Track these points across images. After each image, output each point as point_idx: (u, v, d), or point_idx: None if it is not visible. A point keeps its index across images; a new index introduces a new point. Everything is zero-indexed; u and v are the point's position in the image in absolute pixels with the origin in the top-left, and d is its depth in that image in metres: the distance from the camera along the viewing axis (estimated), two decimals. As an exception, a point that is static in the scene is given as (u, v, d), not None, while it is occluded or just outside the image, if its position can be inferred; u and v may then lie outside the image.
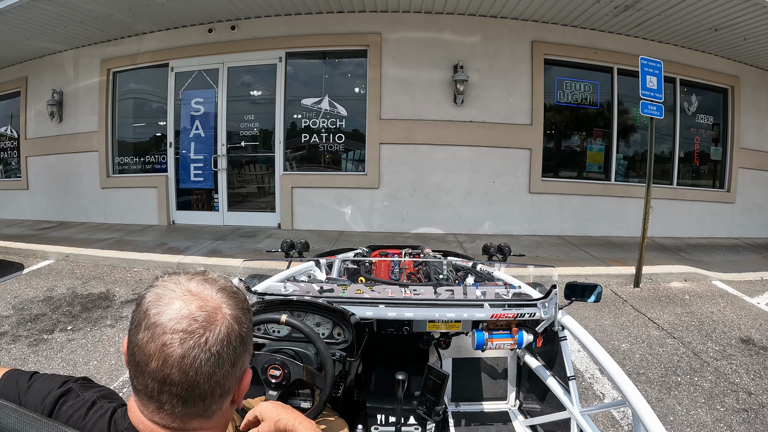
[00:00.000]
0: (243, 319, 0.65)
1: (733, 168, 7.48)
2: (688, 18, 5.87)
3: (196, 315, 0.60)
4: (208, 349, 0.60)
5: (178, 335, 0.59)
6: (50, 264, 5.43)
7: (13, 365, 2.99)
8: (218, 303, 0.63)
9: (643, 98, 4.69)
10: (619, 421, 2.57)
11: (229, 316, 0.63)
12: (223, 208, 7.29)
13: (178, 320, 0.60)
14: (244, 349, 0.65)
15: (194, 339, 0.59)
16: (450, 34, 6.61)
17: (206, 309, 0.61)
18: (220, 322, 0.62)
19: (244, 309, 0.67)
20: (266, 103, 7.07)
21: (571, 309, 1.75)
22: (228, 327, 0.62)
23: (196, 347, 0.59)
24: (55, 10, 5.89)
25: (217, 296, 0.64)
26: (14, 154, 8.41)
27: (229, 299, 0.65)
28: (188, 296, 0.62)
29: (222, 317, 0.62)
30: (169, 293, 0.62)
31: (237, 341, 0.63)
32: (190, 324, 0.60)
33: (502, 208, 6.93)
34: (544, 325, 1.63)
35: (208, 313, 0.61)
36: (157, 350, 0.59)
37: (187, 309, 0.60)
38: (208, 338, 0.60)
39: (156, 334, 0.59)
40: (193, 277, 0.66)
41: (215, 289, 0.65)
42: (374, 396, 1.78)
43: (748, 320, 4.10)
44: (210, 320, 0.61)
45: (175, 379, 0.59)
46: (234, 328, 0.63)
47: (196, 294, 0.63)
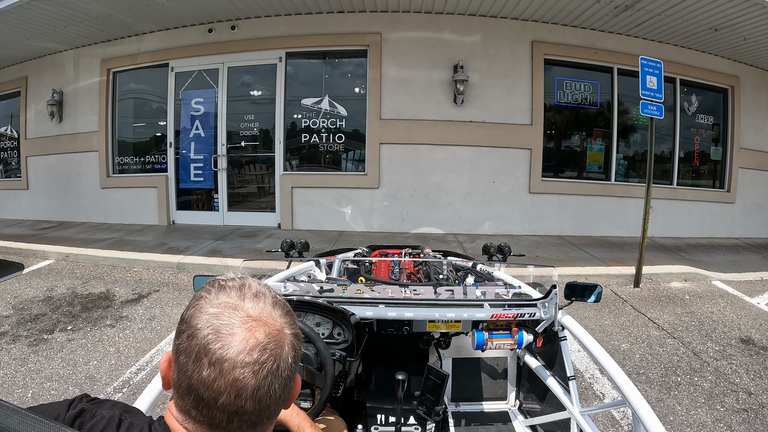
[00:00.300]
0: (299, 333, 0.64)
1: (733, 168, 7.48)
2: (688, 18, 5.87)
3: (265, 343, 0.58)
4: (280, 374, 0.59)
5: (250, 368, 0.56)
6: (50, 264, 5.43)
7: (13, 365, 3.00)
8: (280, 324, 0.61)
9: (643, 98, 4.69)
10: (619, 421, 2.57)
11: (291, 335, 0.62)
12: (223, 208, 7.29)
13: (248, 352, 0.57)
14: (299, 357, 0.65)
15: (267, 368, 0.57)
16: (450, 34, 6.61)
17: (272, 335, 0.59)
18: (287, 345, 0.61)
19: (294, 319, 0.65)
20: (266, 103, 7.07)
21: (571, 309, 1.75)
22: (293, 348, 0.61)
23: (270, 375, 0.58)
24: (55, 10, 5.89)
25: (276, 314, 0.62)
26: (14, 154, 8.41)
27: (284, 315, 0.63)
28: (251, 323, 0.59)
29: (287, 340, 0.61)
30: (228, 321, 0.58)
31: (298, 359, 0.63)
32: (261, 354, 0.57)
33: (502, 208, 6.93)
34: (544, 325, 1.63)
35: (275, 339, 0.59)
36: (229, 385, 0.56)
37: (254, 339, 0.58)
38: (280, 365, 0.59)
39: (225, 369, 0.56)
40: (242, 293, 0.62)
41: (269, 304, 0.62)
42: (374, 396, 1.78)
43: (748, 320, 4.10)
44: (278, 345, 0.59)
45: (249, 409, 0.57)
46: (296, 347, 0.62)
47: (257, 318, 0.60)
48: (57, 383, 2.82)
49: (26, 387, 2.77)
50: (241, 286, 0.64)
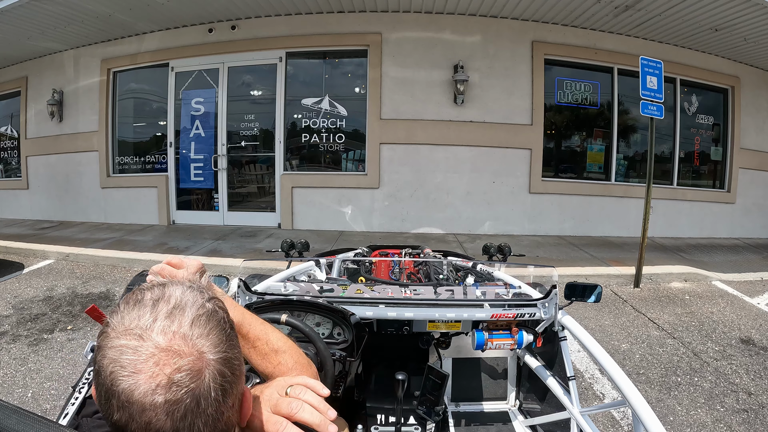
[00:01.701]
0: (228, 359, 0.54)
1: (733, 168, 7.48)
2: (689, 18, 5.87)
3: (177, 380, 0.49)
4: (202, 412, 0.50)
5: (162, 409, 0.48)
6: (50, 264, 5.43)
7: (13, 365, 3.00)
8: (198, 350, 0.51)
9: (644, 98, 4.69)
10: (619, 421, 2.57)
11: (214, 361, 0.52)
12: (223, 207, 7.29)
13: (157, 392, 0.48)
14: (236, 383, 0.55)
15: (184, 407, 0.49)
16: (450, 34, 6.61)
17: (186, 367, 0.50)
18: (208, 375, 0.51)
19: (225, 335, 0.55)
20: (266, 102, 7.07)
21: (571, 309, 1.75)
22: (216, 377, 0.52)
23: (188, 414, 0.49)
24: (55, 9, 5.89)
25: (194, 335, 0.52)
26: (14, 154, 8.41)
27: (206, 335, 0.53)
28: (158, 356, 0.50)
29: (208, 369, 0.51)
30: (132, 357, 0.49)
31: (228, 381, 0.53)
32: (174, 393, 0.49)
33: (502, 208, 6.93)
34: (544, 325, 1.63)
35: (191, 371, 0.50)
36: (142, 428, 0.49)
37: (163, 375, 0.49)
38: (200, 401, 0.50)
39: (134, 413, 0.48)
40: (156, 311, 0.53)
41: (187, 324, 0.53)
42: (374, 396, 1.78)
43: (748, 320, 4.10)
44: (195, 378, 0.50)
45: (167, 428, 0.49)
46: (224, 373, 0.53)
47: (166, 349, 0.50)
48: (57, 383, 2.82)
49: (26, 387, 2.77)
50: (157, 299, 0.55)
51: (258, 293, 1.60)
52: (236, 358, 0.56)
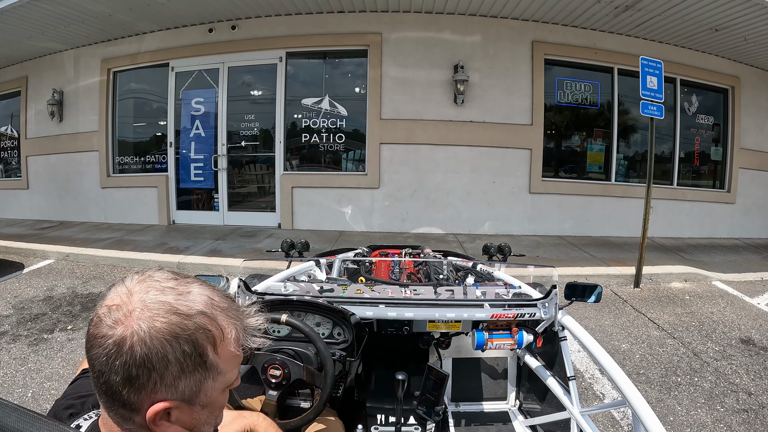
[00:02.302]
0: (155, 341, 0.59)
1: (733, 168, 7.48)
2: (689, 18, 5.87)
3: (107, 310, 0.62)
4: (99, 345, 0.60)
5: (94, 320, 0.63)
6: (50, 263, 5.43)
7: (13, 365, 3.00)
8: (136, 313, 0.61)
9: (644, 98, 4.69)
10: (619, 421, 2.57)
11: (136, 332, 0.59)
12: (223, 207, 7.29)
13: (99, 306, 0.64)
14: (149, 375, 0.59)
15: (97, 330, 0.61)
16: (450, 34, 6.61)
17: (122, 309, 0.61)
18: (120, 332, 0.59)
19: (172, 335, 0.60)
20: (266, 102, 7.07)
21: (571, 309, 1.75)
22: (123, 338, 0.59)
23: (96, 337, 0.61)
24: (55, 9, 5.89)
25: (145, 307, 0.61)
26: (14, 154, 8.42)
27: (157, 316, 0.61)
28: (119, 292, 0.64)
29: (125, 330, 0.59)
30: (116, 285, 0.66)
31: (135, 359, 0.59)
32: (103, 315, 0.62)
33: (503, 208, 6.93)
34: (544, 325, 1.63)
35: (116, 317, 0.60)
36: (90, 361, 0.62)
37: (111, 302, 0.63)
38: (106, 337, 0.60)
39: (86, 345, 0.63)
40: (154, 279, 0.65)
41: (155, 294, 0.63)
42: (374, 396, 1.78)
43: (748, 321, 4.10)
44: (115, 323, 0.60)
45: (87, 354, 0.62)
46: (133, 344, 0.59)
47: (125, 295, 0.63)
48: (57, 383, 2.82)
49: (26, 386, 2.77)
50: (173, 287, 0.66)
51: (258, 293, 1.60)
52: (164, 367, 0.59)
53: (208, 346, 0.62)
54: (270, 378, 1.31)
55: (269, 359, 1.32)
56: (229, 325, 0.66)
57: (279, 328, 1.52)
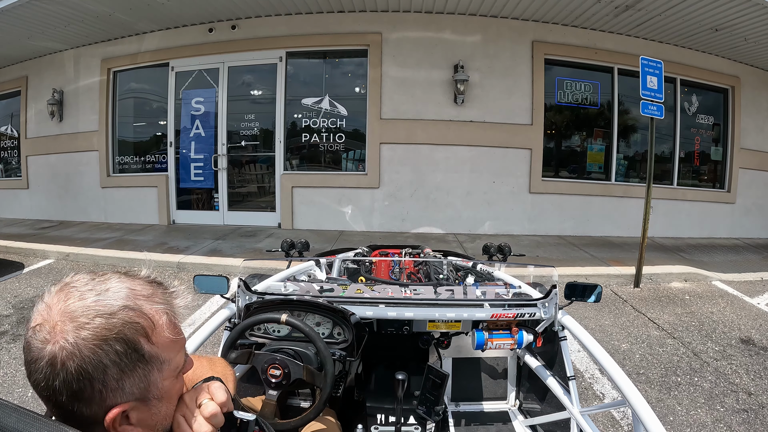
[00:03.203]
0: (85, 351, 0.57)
1: (733, 168, 7.48)
2: (689, 18, 5.87)
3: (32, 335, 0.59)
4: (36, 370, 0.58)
5: (24, 343, 0.61)
6: (50, 263, 5.43)
7: (13, 364, 3.00)
8: (59, 327, 0.58)
9: (644, 98, 4.69)
10: (619, 421, 2.57)
11: (63, 348, 0.57)
12: (223, 207, 7.29)
13: (27, 329, 0.60)
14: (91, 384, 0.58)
15: (29, 354, 0.59)
16: (450, 33, 6.61)
17: (43, 331, 0.59)
18: (49, 352, 0.57)
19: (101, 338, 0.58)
20: (266, 102, 7.07)
21: (571, 309, 1.74)
22: (53, 357, 0.57)
23: (31, 362, 0.59)
24: (55, 9, 5.89)
25: (68, 320, 0.59)
26: (14, 154, 8.42)
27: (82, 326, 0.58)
28: (36, 314, 0.62)
29: (53, 348, 0.57)
30: (36, 304, 0.64)
31: (70, 375, 0.57)
32: (30, 337, 0.59)
33: (503, 208, 6.93)
34: (544, 325, 1.63)
35: (42, 337, 0.58)
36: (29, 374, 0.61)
37: (32, 323, 0.61)
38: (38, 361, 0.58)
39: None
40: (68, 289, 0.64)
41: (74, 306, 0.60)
42: (374, 396, 1.78)
43: (748, 320, 4.10)
44: (43, 344, 0.58)
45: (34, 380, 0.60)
46: (63, 360, 0.57)
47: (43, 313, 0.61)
48: (57, 382, 2.82)
49: (26, 386, 2.77)
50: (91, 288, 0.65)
51: (258, 293, 1.60)
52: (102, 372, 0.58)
53: (141, 339, 0.60)
54: (270, 378, 1.31)
55: (269, 359, 1.32)
56: (156, 312, 0.63)
57: (279, 328, 1.52)
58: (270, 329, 1.53)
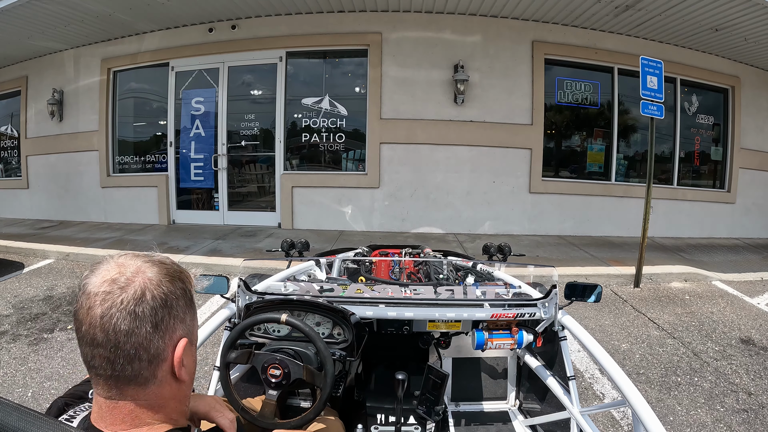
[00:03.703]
0: (164, 282, 0.67)
1: (733, 168, 7.48)
2: (689, 18, 5.87)
3: (115, 278, 0.64)
4: (124, 308, 0.63)
5: (99, 297, 0.63)
6: (50, 263, 5.43)
7: (13, 364, 3.00)
8: (138, 268, 0.67)
9: (644, 98, 4.69)
10: (619, 421, 2.57)
11: (148, 279, 0.66)
12: (223, 207, 7.29)
13: (100, 284, 0.64)
14: (169, 313, 0.67)
15: (111, 299, 0.63)
16: (450, 33, 6.61)
17: (125, 273, 0.65)
18: (138, 283, 0.65)
19: (171, 276, 0.69)
20: (267, 102, 7.07)
21: (571, 309, 1.74)
22: (144, 287, 0.65)
23: (113, 307, 0.62)
24: (55, 9, 5.89)
25: (143, 264, 0.68)
26: (14, 153, 8.42)
27: (153, 266, 0.68)
28: (113, 265, 0.67)
29: (141, 280, 0.65)
30: (99, 266, 0.67)
31: (157, 302, 0.65)
32: (110, 286, 0.63)
33: (503, 208, 6.93)
34: (544, 325, 1.63)
35: (126, 277, 0.65)
36: (85, 314, 0.63)
37: (108, 274, 0.65)
38: (124, 298, 0.63)
39: (83, 300, 0.64)
40: (128, 253, 0.71)
41: (142, 260, 0.69)
42: (374, 395, 1.78)
43: (748, 320, 4.10)
44: (127, 283, 0.64)
45: (99, 339, 0.62)
46: (151, 289, 0.65)
47: (121, 263, 0.67)
48: (57, 382, 2.82)
49: (26, 386, 2.77)
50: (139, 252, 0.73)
51: (258, 293, 1.60)
52: (170, 296, 0.68)
53: (190, 285, 0.73)
54: (270, 378, 1.30)
55: (269, 359, 1.32)
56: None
57: (279, 328, 1.52)
58: (270, 329, 1.52)
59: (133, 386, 0.65)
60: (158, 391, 0.67)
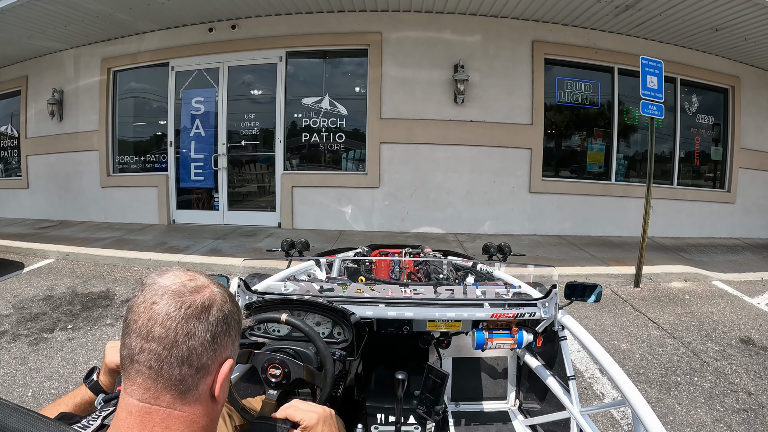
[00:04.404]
0: (228, 301, 0.70)
1: (733, 168, 7.48)
2: (689, 18, 5.87)
3: (186, 283, 0.67)
4: (191, 310, 0.64)
5: (167, 295, 0.64)
6: (50, 263, 5.43)
7: (13, 364, 3.00)
8: (207, 282, 0.70)
9: (644, 98, 4.69)
10: (619, 421, 2.57)
11: (216, 293, 0.69)
12: (223, 207, 7.29)
13: (170, 285, 0.66)
14: (226, 331, 0.68)
15: (180, 299, 0.64)
16: (450, 33, 6.61)
17: (196, 282, 0.68)
18: (207, 293, 0.67)
19: (231, 298, 0.72)
20: (267, 102, 7.07)
21: (571, 309, 1.75)
22: (212, 299, 0.67)
23: (181, 307, 0.64)
24: (55, 9, 5.89)
25: (209, 280, 0.71)
26: (14, 153, 8.42)
27: (219, 286, 0.71)
28: (183, 273, 0.69)
29: (209, 291, 0.68)
30: (169, 270, 0.70)
31: (219, 315, 0.67)
32: (180, 288, 0.66)
33: (503, 207, 6.93)
34: (544, 324, 1.63)
35: (197, 285, 0.68)
36: (147, 308, 0.64)
37: (179, 279, 0.67)
38: (192, 302, 0.65)
39: (148, 295, 0.65)
40: (195, 270, 0.73)
41: (208, 277, 0.72)
42: (374, 395, 1.78)
43: (748, 320, 4.10)
44: (197, 289, 0.67)
45: (157, 334, 0.62)
46: (218, 303, 0.68)
47: (191, 273, 0.70)
48: (57, 382, 2.82)
49: (26, 386, 2.78)
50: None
51: (258, 292, 1.60)
52: (230, 317, 0.69)
53: (242, 316, 0.74)
54: (270, 377, 1.30)
55: (269, 358, 1.32)
56: None
57: (279, 328, 1.52)
58: (270, 329, 1.52)
59: (173, 392, 0.63)
60: (195, 404, 0.65)
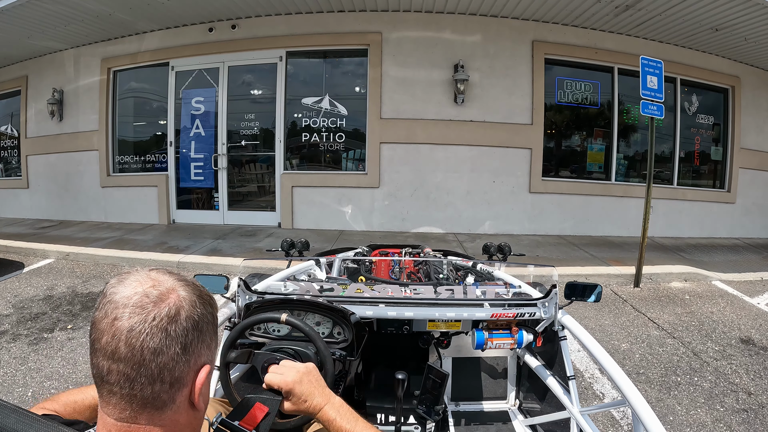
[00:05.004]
0: (198, 304, 0.65)
1: (733, 168, 7.47)
2: (689, 18, 5.87)
3: (148, 292, 0.61)
4: (156, 324, 0.59)
5: (128, 309, 0.59)
6: (50, 263, 5.43)
7: (13, 364, 3.00)
8: (173, 286, 0.64)
9: (644, 98, 4.69)
10: (619, 421, 2.57)
11: (183, 298, 0.63)
12: (223, 207, 7.29)
13: (131, 296, 0.61)
14: (199, 337, 0.64)
15: (143, 313, 0.59)
16: (450, 33, 6.61)
17: (159, 288, 0.62)
18: (172, 301, 0.62)
19: (202, 298, 0.66)
20: (267, 102, 7.07)
21: (571, 309, 1.75)
22: (178, 306, 0.62)
23: (144, 321, 0.59)
24: (55, 8, 5.88)
25: (176, 283, 0.65)
26: (14, 153, 8.42)
27: (187, 286, 0.65)
28: (145, 278, 0.64)
29: (175, 298, 0.62)
30: (129, 276, 0.64)
31: (188, 323, 0.62)
32: (141, 299, 0.60)
33: (503, 207, 6.93)
34: (544, 324, 1.63)
35: (161, 292, 0.62)
36: (109, 324, 0.59)
37: (141, 287, 0.62)
38: (156, 315, 0.60)
39: (109, 309, 0.60)
40: (159, 269, 0.67)
41: (175, 278, 0.66)
42: (374, 395, 1.78)
43: (748, 320, 4.10)
44: (161, 298, 0.61)
45: (122, 354, 0.58)
46: (186, 309, 0.63)
47: (154, 278, 0.64)
48: (57, 382, 2.82)
49: (26, 386, 2.77)
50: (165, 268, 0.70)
51: (258, 292, 1.60)
52: (202, 320, 0.65)
53: (217, 312, 0.70)
54: None
55: (269, 358, 1.31)
56: None
57: (279, 328, 1.52)
58: (270, 329, 1.52)
59: (149, 410, 0.60)
60: (174, 417, 0.63)
